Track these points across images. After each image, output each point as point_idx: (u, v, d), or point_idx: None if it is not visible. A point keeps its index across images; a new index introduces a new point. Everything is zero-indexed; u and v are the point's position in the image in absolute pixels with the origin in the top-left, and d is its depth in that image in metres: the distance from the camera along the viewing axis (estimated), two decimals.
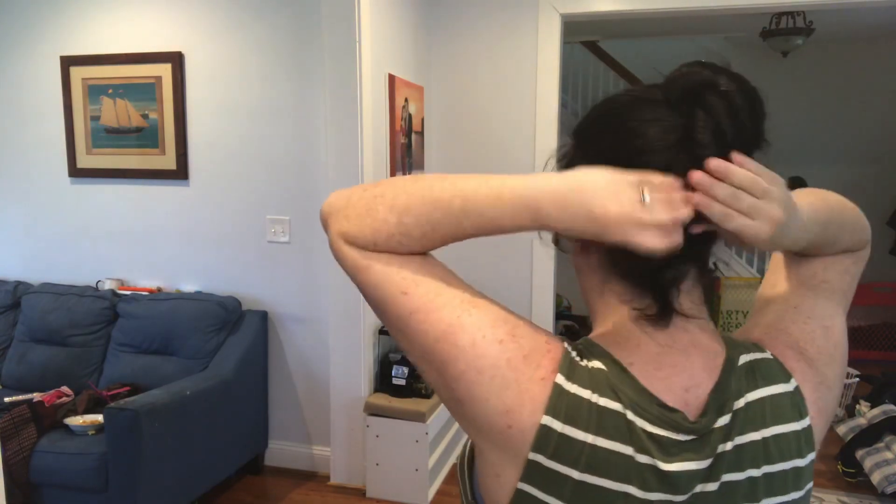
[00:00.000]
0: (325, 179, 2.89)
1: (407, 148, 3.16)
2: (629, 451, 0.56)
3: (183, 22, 3.03)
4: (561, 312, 5.23)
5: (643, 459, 0.56)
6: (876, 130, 5.53)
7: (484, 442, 0.60)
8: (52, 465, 2.35)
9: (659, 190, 0.55)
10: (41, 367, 2.96)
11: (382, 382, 2.91)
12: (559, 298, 5.13)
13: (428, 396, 2.83)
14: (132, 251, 3.24)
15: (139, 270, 3.25)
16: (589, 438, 0.56)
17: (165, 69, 3.05)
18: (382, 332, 2.94)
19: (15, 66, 3.30)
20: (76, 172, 3.26)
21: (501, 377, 0.57)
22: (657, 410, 0.57)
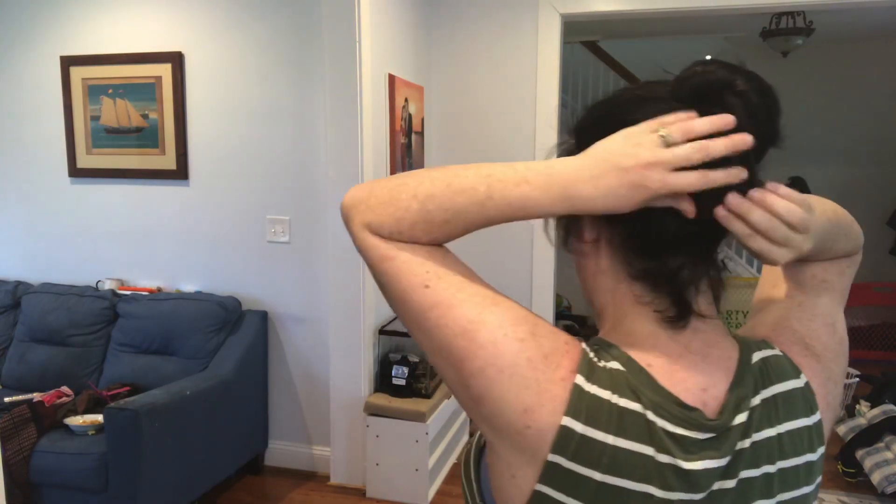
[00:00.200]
0: (325, 179, 2.89)
1: (407, 148, 3.16)
2: (650, 451, 0.56)
3: (183, 22, 3.04)
4: (561, 312, 5.23)
5: (664, 459, 0.56)
6: (876, 130, 5.53)
7: (500, 442, 0.59)
8: (52, 465, 2.35)
9: (673, 122, 0.56)
10: (41, 367, 2.96)
11: (382, 382, 2.91)
12: (559, 298, 5.13)
13: (428, 396, 2.83)
14: (132, 251, 3.24)
15: (139, 270, 3.25)
16: (609, 439, 0.56)
17: (165, 69, 3.05)
18: (382, 332, 2.94)
19: (15, 66, 3.30)
20: (76, 172, 3.26)
21: (521, 376, 0.57)
22: (677, 410, 0.57)
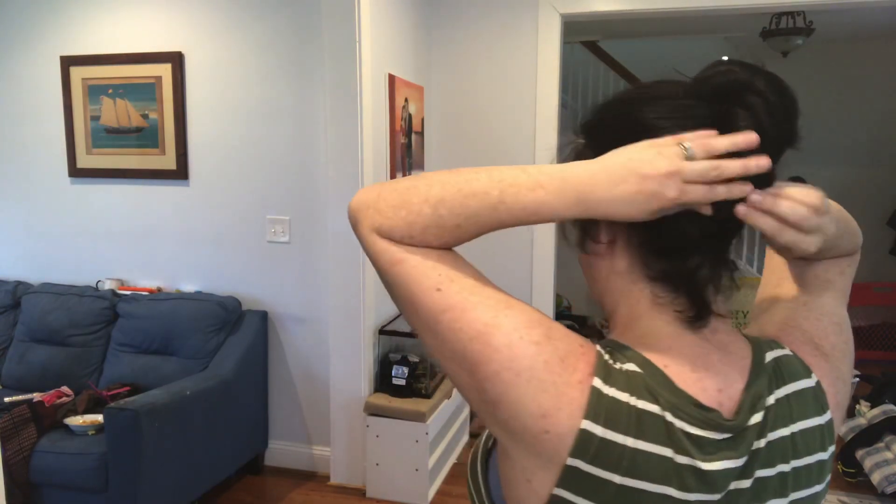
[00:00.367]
0: (325, 179, 2.89)
1: (407, 148, 3.16)
2: (668, 452, 0.56)
3: (183, 22, 3.03)
4: (561, 312, 5.24)
5: (683, 460, 0.56)
6: (876, 130, 5.53)
7: (515, 446, 0.58)
8: (52, 465, 2.35)
9: (695, 139, 0.56)
10: (41, 367, 2.96)
11: (382, 382, 2.90)
12: (559, 298, 5.13)
13: (428, 396, 2.83)
14: (132, 251, 3.24)
15: (139, 270, 3.25)
16: (629, 442, 0.56)
17: (165, 69, 3.05)
18: (382, 332, 2.94)
19: (15, 66, 3.30)
20: (76, 172, 3.26)
21: (538, 380, 0.56)
22: (694, 411, 0.57)
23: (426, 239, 0.60)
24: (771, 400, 0.61)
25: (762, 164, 0.56)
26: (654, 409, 0.57)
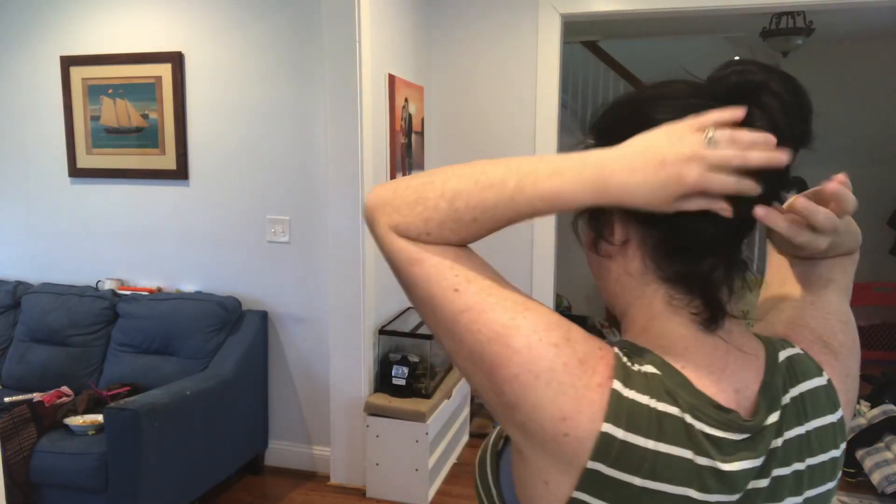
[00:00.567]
0: (325, 179, 2.89)
1: (407, 148, 3.16)
2: (689, 454, 0.56)
3: (183, 22, 3.03)
4: (561, 312, 5.22)
5: (703, 462, 0.56)
6: (876, 131, 5.53)
7: (533, 448, 0.58)
8: (52, 465, 2.35)
9: (716, 122, 0.56)
10: (41, 367, 2.96)
11: (382, 382, 2.90)
12: (559, 298, 5.13)
13: (428, 396, 2.83)
14: (132, 251, 3.24)
15: (139, 270, 3.25)
16: (650, 444, 0.55)
17: (165, 69, 3.05)
18: (382, 332, 2.94)
19: (15, 66, 3.30)
20: (76, 172, 3.26)
21: (558, 382, 0.55)
22: (714, 412, 0.57)
23: (443, 235, 0.60)
24: (786, 399, 0.62)
25: (783, 158, 0.55)
26: (673, 411, 0.56)
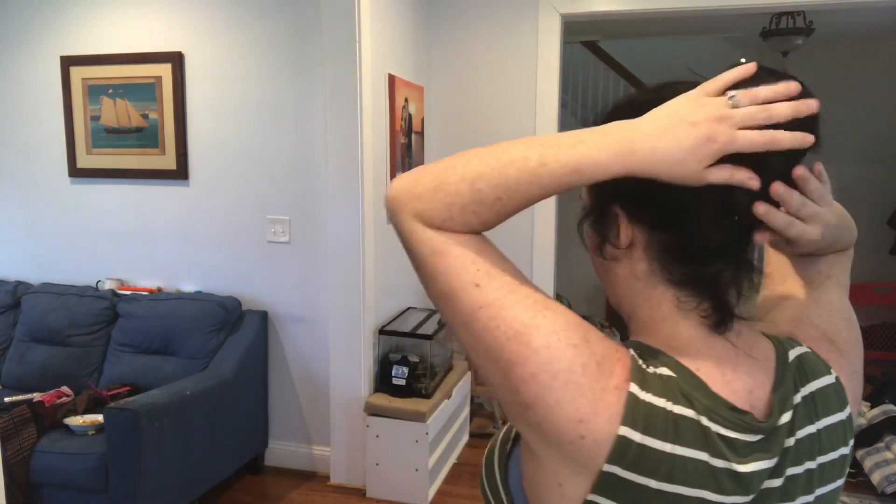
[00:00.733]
0: (325, 179, 2.89)
1: (407, 148, 3.16)
2: (704, 456, 0.56)
3: (183, 22, 3.03)
4: None
5: (719, 463, 0.56)
6: (876, 130, 5.53)
7: (547, 450, 0.57)
8: (52, 465, 2.35)
9: (731, 82, 0.56)
10: (41, 367, 2.96)
11: (382, 382, 2.90)
12: (559, 298, 5.13)
13: (428, 396, 2.83)
14: (132, 251, 3.24)
15: (139, 270, 3.25)
16: (667, 448, 0.55)
17: (165, 69, 3.05)
18: (382, 332, 2.93)
19: (15, 66, 3.30)
20: (76, 172, 3.26)
21: (576, 384, 0.55)
22: (729, 414, 0.57)
23: (466, 219, 0.59)
24: (798, 398, 0.62)
25: (812, 105, 0.56)
26: (689, 413, 0.56)
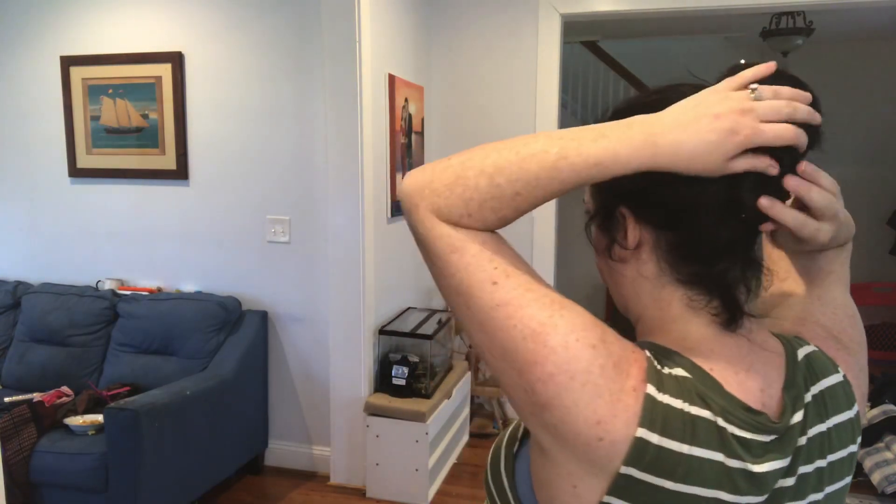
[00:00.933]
0: (325, 179, 2.89)
1: (407, 148, 3.16)
2: (720, 457, 0.56)
3: (183, 22, 3.03)
4: None
5: (734, 464, 0.56)
6: (876, 131, 5.53)
7: (562, 451, 0.57)
8: (52, 465, 2.35)
9: (751, 78, 0.57)
10: (41, 367, 2.96)
11: (382, 382, 2.90)
12: None
13: (428, 396, 2.83)
14: (132, 251, 3.24)
15: (139, 270, 3.25)
16: (685, 449, 0.55)
17: (165, 69, 3.05)
18: (382, 332, 2.93)
19: (15, 65, 3.30)
20: (76, 172, 3.26)
21: (594, 384, 0.54)
22: (744, 415, 0.57)
23: (484, 215, 0.59)
24: (808, 397, 0.62)
25: (818, 118, 0.58)
26: (706, 414, 0.56)
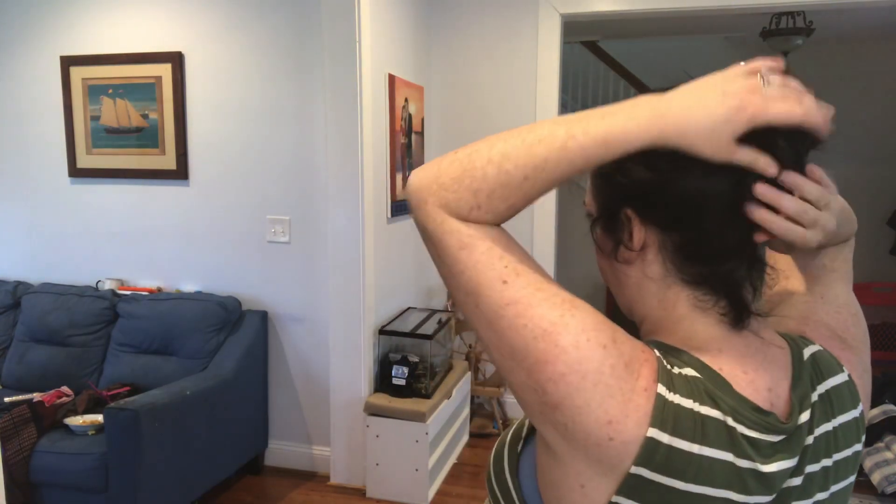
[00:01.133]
0: (325, 179, 2.89)
1: (407, 148, 3.16)
2: (729, 457, 0.56)
3: (183, 22, 3.03)
4: None
5: (744, 464, 0.56)
6: (876, 130, 5.53)
7: (572, 451, 0.56)
8: (52, 465, 2.35)
9: (762, 67, 0.56)
10: (41, 367, 2.96)
11: (382, 382, 2.90)
12: None
13: (428, 396, 2.83)
14: (132, 251, 3.24)
15: (139, 270, 3.25)
16: (695, 449, 0.55)
17: (165, 69, 3.05)
18: (382, 332, 2.93)
19: (15, 65, 3.30)
20: (76, 172, 3.26)
21: (605, 384, 0.54)
22: (753, 415, 0.57)
23: (493, 205, 0.58)
24: (815, 397, 0.62)
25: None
26: (716, 414, 0.56)
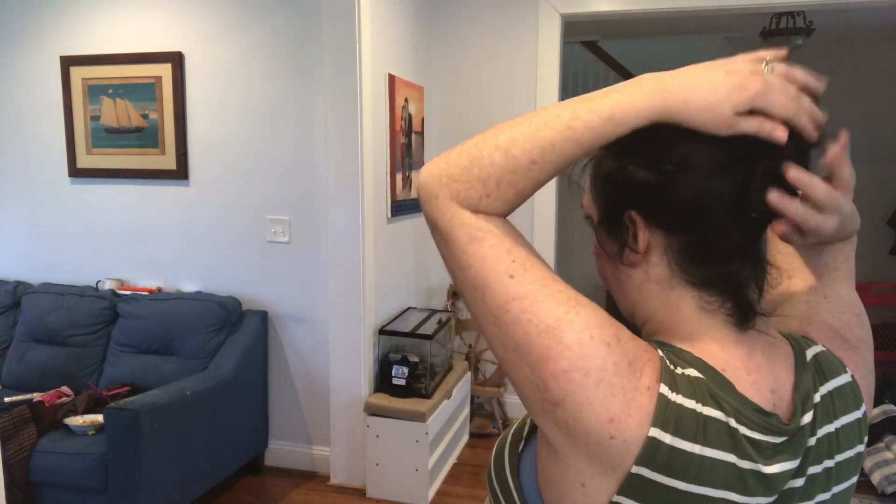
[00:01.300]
0: (325, 179, 2.89)
1: (407, 148, 3.16)
2: (732, 458, 0.56)
3: (183, 22, 3.03)
4: None
5: (746, 465, 0.56)
6: (876, 130, 5.53)
7: (573, 449, 0.56)
8: (52, 465, 2.35)
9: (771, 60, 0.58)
10: (41, 367, 2.96)
11: (382, 382, 2.90)
12: None
13: (428, 396, 2.83)
14: (132, 251, 3.24)
15: (139, 270, 3.25)
16: (697, 449, 0.55)
17: (165, 69, 3.05)
18: (382, 332, 2.93)
19: (15, 65, 3.30)
20: (76, 172, 3.26)
21: (608, 383, 0.54)
22: (756, 416, 0.57)
23: (503, 193, 0.59)
24: (817, 398, 0.62)
25: (821, 116, 0.60)
26: (718, 415, 0.56)
